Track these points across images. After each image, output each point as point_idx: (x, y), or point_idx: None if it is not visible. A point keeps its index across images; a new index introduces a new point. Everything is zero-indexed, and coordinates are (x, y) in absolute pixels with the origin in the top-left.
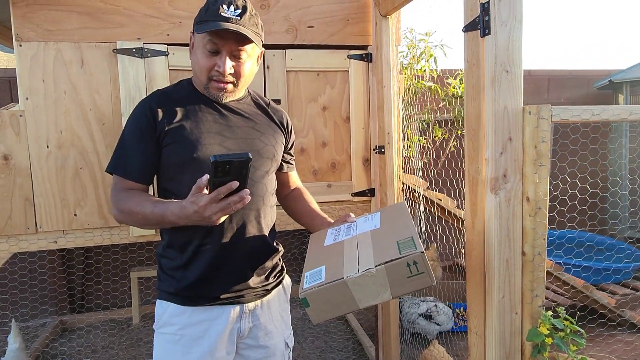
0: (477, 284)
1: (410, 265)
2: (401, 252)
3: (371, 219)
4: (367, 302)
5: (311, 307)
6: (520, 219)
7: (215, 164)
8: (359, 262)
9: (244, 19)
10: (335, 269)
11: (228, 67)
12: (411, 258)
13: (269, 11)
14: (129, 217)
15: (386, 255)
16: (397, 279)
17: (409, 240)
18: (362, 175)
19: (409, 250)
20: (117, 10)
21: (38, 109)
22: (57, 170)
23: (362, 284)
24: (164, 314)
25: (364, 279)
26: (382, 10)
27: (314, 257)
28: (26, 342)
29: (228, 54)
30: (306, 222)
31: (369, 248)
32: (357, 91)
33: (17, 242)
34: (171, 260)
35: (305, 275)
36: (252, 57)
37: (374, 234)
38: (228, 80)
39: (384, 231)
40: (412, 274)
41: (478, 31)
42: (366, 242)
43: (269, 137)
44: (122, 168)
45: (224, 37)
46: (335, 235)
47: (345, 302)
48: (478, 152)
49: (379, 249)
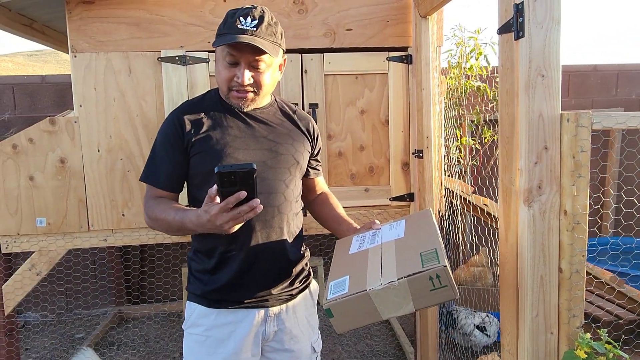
0: (510, 299)
1: (433, 279)
2: (424, 265)
3: (396, 226)
4: (389, 314)
5: (335, 317)
6: (556, 234)
7: (220, 174)
8: (382, 274)
9: (260, 30)
10: (359, 280)
11: (247, 77)
12: (434, 272)
13: (306, 16)
14: (156, 224)
15: (409, 268)
16: (419, 291)
17: (432, 252)
18: (401, 179)
19: (432, 263)
20: (162, 20)
21: (90, 115)
22: (107, 173)
23: (385, 296)
24: (192, 314)
25: (387, 291)
26: (421, 11)
27: (338, 266)
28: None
29: (246, 64)
30: (332, 227)
31: (392, 259)
32: (396, 94)
33: (72, 240)
34: (199, 264)
35: (330, 284)
36: (272, 66)
37: (398, 244)
38: (248, 89)
39: (408, 241)
40: (434, 287)
41: (512, 34)
42: (390, 252)
43: (293, 145)
44: (152, 177)
45: (241, 49)
46: (360, 243)
47: (368, 313)
48: (512, 161)
49: (402, 261)
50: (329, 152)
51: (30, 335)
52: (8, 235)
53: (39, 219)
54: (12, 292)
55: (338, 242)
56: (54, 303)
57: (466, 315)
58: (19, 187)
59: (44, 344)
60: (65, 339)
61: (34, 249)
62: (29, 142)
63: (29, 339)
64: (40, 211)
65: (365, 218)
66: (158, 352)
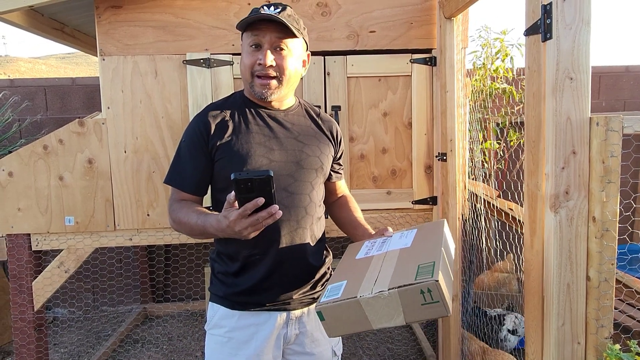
0: (535, 307)
1: (424, 293)
2: (417, 277)
3: (406, 235)
4: (380, 324)
5: (326, 321)
6: (584, 241)
7: (236, 182)
8: (376, 282)
9: (283, 15)
10: (353, 286)
11: (269, 59)
12: (425, 285)
13: (330, 18)
14: (180, 227)
15: (402, 279)
16: (410, 304)
17: (429, 265)
18: (424, 182)
19: (425, 277)
20: (188, 23)
21: (117, 117)
22: (133, 174)
23: (375, 305)
24: (214, 316)
25: (377, 300)
26: (446, 13)
27: (341, 270)
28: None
29: (269, 46)
30: (348, 231)
31: (391, 268)
32: (420, 96)
33: (99, 238)
34: (222, 266)
35: (327, 287)
36: (294, 52)
37: (402, 253)
38: (271, 74)
39: (412, 251)
40: (426, 302)
41: (539, 35)
42: (391, 261)
43: (316, 148)
44: (177, 180)
45: (264, 30)
46: (369, 249)
47: (358, 320)
48: (538, 166)
49: (399, 271)
50: (351, 155)
51: (59, 331)
52: (38, 233)
53: (67, 218)
54: (42, 289)
55: (349, 246)
56: (82, 300)
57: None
58: (49, 187)
59: (72, 339)
60: (92, 335)
61: (63, 247)
62: (59, 143)
63: (57, 335)
64: (69, 210)
65: (387, 221)
66: (180, 351)
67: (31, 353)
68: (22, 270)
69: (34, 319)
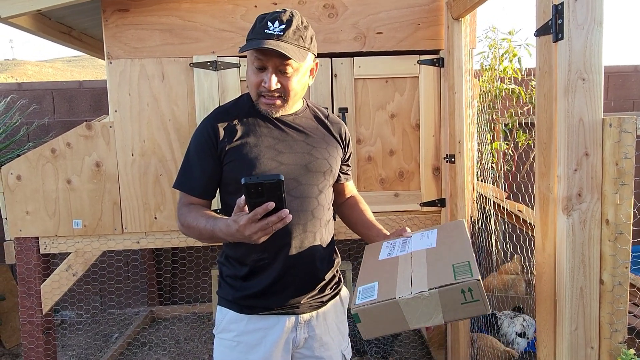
0: (547, 311)
1: (465, 292)
2: (456, 277)
3: (427, 235)
4: (418, 324)
5: (362, 323)
6: (597, 244)
7: (246, 186)
8: (412, 282)
9: (287, 34)
10: (388, 287)
11: (274, 82)
12: (466, 285)
13: (336, 20)
14: (189, 231)
15: (441, 279)
16: (450, 304)
17: (465, 264)
18: (432, 184)
19: (465, 276)
20: (194, 26)
21: (125, 120)
22: (140, 177)
23: (414, 306)
24: (223, 320)
25: (417, 301)
26: (454, 13)
27: (368, 271)
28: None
29: (274, 69)
30: (361, 232)
31: (423, 268)
32: (428, 97)
33: (106, 242)
34: (231, 270)
35: (359, 289)
36: (300, 70)
37: (430, 253)
38: (275, 95)
39: (440, 251)
40: (466, 301)
41: (550, 36)
42: (421, 261)
43: (324, 151)
44: (186, 184)
45: (267, 54)
46: (390, 250)
47: (396, 321)
48: (549, 168)
49: (434, 271)
50: (359, 157)
51: (67, 334)
52: (46, 236)
53: (75, 221)
54: (50, 292)
55: (367, 247)
56: (89, 303)
57: (508, 323)
58: (57, 190)
59: (79, 342)
60: (100, 338)
61: (71, 250)
62: (67, 147)
63: (65, 337)
64: (77, 213)
65: (394, 224)
66: (188, 353)
67: (39, 356)
68: (31, 274)
69: (42, 322)
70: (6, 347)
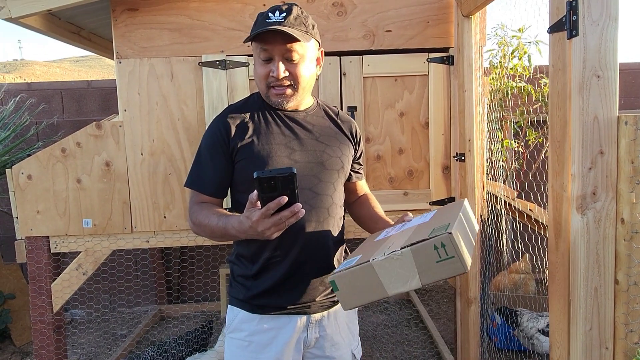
0: (561, 311)
1: (437, 248)
2: (430, 235)
3: (426, 216)
4: (395, 289)
5: (340, 291)
6: (612, 243)
7: (259, 180)
8: (389, 247)
9: (289, 20)
10: (367, 256)
11: (282, 70)
12: (438, 240)
13: (345, 18)
14: (200, 230)
15: (415, 239)
16: (424, 263)
17: (444, 226)
18: (441, 183)
19: (439, 232)
20: (203, 25)
21: (134, 119)
22: (149, 176)
23: (389, 268)
24: (234, 319)
25: (390, 262)
26: (464, 11)
27: (359, 250)
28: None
29: (280, 57)
30: (369, 227)
31: (405, 236)
32: (437, 96)
33: (116, 240)
34: (242, 269)
35: (343, 262)
36: (306, 57)
37: (419, 227)
38: (285, 84)
39: (428, 223)
40: (440, 258)
41: (564, 32)
42: (407, 233)
43: (337, 149)
44: (197, 183)
45: (272, 42)
46: (387, 233)
47: (373, 287)
48: (563, 166)
49: (412, 236)
50: (368, 155)
51: (77, 332)
52: (57, 235)
53: (85, 220)
54: (60, 291)
55: (370, 235)
56: (99, 302)
57: (529, 318)
58: (67, 189)
59: (89, 340)
60: (109, 336)
61: (81, 249)
62: (76, 146)
63: (74, 336)
64: (87, 212)
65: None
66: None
67: (50, 354)
68: (42, 272)
69: (53, 320)
70: (17, 345)
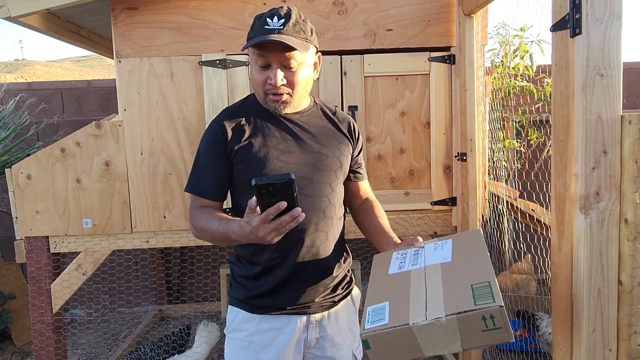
0: (564, 312)
1: (486, 319)
2: (476, 302)
3: (441, 247)
4: (433, 351)
5: (372, 349)
6: (616, 244)
7: (257, 187)
8: (427, 306)
9: (288, 28)
10: (401, 310)
11: (279, 78)
12: (487, 311)
13: (346, 17)
14: (201, 234)
15: (459, 303)
16: (469, 331)
17: (485, 286)
18: (443, 183)
19: (486, 301)
20: (203, 24)
21: (134, 119)
22: (149, 176)
23: (430, 332)
24: (234, 319)
25: (432, 327)
26: (465, 9)
27: (377, 288)
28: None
29: (278, 65)
30: (372, 239)
31: (438, 288)
32: (438, 95)
33: (116, 241)
34: (242, 270)
35: (368, 310)
36: (304, 64)
37: (445, 269)
38: (282, 91)
39: (456, 267)
40: (487, 328)
41: (567, 31)
42: (435, 278)
43: (335, 149)
44: (197, 187)
45: (270, 49)
46: (401, 262)
47: (409, 348)
48: (566, 166)
49: (451, 293)
50: (368, 155)
51: (77, 333)
52: (56, 235)
53: (85, 220)
54: (60, 291)
55: (376, 257)
56: (99, 302)
57: (548, 323)
58: (67, 189)
59: (89, 340)
60: (109, 337)
61: (80, 249)
62: (76, 146)
63: (74, 336)
64: (86, 212)
65: (405, 222)
66: None
67: (50, 355)
68: (41, 273)
69: (52, 320)
70: (17, 345)
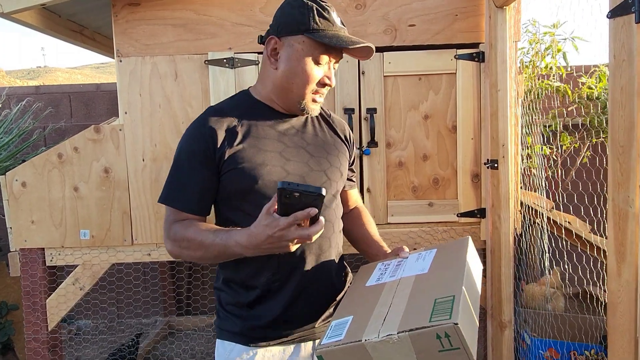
0: (624, 349)
1: (441, 338)
2: (432, 318)
3: (424, 257)
4: None
5: None
6: None
7: (283, 191)
8: (385, 321)
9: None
10: (359, 325)
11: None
12: (442, 329)
13: (365, 11)
14: (185, 249)
15: (415, 319)
16: (424, 350)
17: (447, 301)
18: (471, 193)
19: (442, 317)
20: (210, 20)
21: (135, 122)
22: (151, 184)
23: (384, 351)
24: (228, 356)
25: (385, 345)
26: (497, 1)
27: (349, 301)
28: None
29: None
30: (362, 249)
31: (403, 301)
32: (466, 96)
33: (115, 253)
34: (232, 297)
35: (331, 324)
36: None
37: (417, 282)
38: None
39: (429, 279)
40: (444, 349)
41: (631, 15)
42: (404, 291)
43: (336, 159)
44: (177, 199)
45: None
46: (381, 274)
47: None
48: (628, 177)
49: (412, 307)
50: (388, 162)
51: (82, 342)
52: (52, 247)
53: (82, 231)
54: (56, 307)
55: (361, 268)
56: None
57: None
58: (64, 198)
59: (94, 351)
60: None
61: (78, 262)
62: (74, 151)
63: (80, 346)
64: (84, 223)
65: (428, 236)
66: None
67: None
68: (36, 287)
69: (47, 338)
70: (20, 357)
